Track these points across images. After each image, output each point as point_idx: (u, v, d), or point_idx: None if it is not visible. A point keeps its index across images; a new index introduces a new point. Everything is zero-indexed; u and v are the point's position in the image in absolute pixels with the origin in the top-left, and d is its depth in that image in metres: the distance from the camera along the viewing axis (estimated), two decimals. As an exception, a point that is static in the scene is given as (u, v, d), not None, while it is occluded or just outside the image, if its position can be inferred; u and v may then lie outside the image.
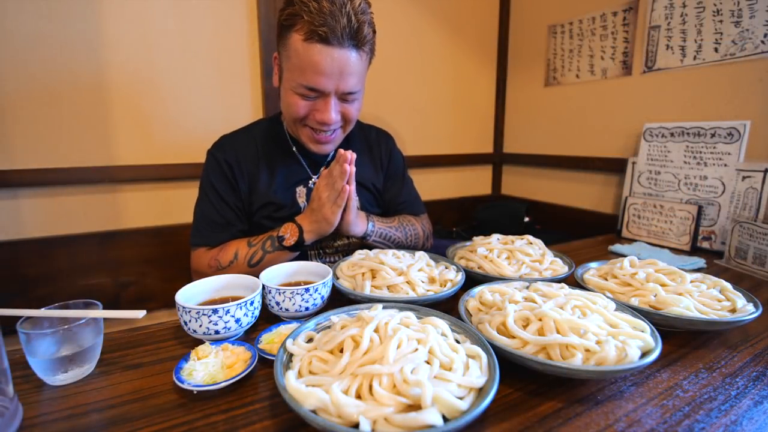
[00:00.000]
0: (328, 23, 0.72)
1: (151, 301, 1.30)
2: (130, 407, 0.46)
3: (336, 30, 0.73)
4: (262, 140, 0.95)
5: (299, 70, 0.77)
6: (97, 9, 1.13)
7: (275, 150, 0.95)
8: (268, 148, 0.95)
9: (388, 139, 1.11)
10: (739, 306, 0.63)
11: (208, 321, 0.55)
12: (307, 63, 0.76)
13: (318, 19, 0.72)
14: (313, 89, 0.79)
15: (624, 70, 1.39)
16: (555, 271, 0.80)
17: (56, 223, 1.17)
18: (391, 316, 0.49)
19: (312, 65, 0.76)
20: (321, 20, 0.72)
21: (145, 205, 1.28)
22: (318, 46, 0.74)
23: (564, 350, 0.48)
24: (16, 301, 1.12)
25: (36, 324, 0.51)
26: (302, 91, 0.80)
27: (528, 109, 1.83)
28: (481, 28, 1.85)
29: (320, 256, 0.96)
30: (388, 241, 0.96)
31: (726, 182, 1.09)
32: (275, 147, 0.95)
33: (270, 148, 0.95)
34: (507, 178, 2.01)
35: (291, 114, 0.85)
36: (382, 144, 1.08)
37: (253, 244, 0.85)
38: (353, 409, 0.37)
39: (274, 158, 0.94)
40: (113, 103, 1.19)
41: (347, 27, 0.74)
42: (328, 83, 0.78)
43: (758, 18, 1.06)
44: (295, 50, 0.76)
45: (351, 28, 0.74)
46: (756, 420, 0.44)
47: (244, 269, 0.83)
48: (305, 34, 0.74)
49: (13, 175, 1.09)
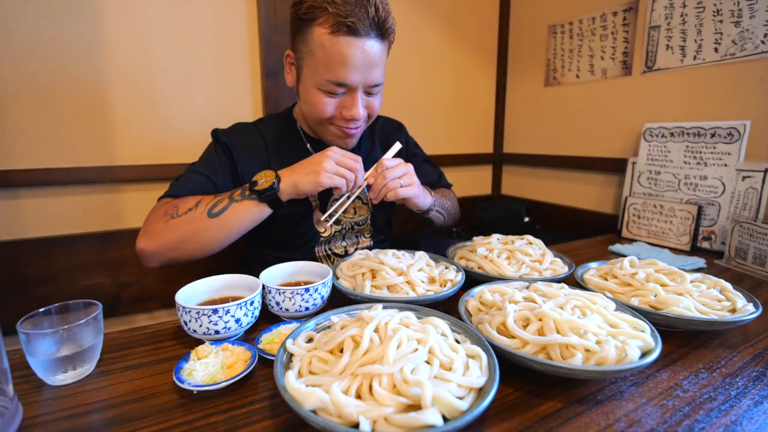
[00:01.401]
0: (355, 13, 0.69)
1: (151, 301, 1.30)
2: (130, 407, 0.46)
3: (364, 20, 0.70)
4: (272, 137, 0.92)
5: (326, 65, 0.74)
6: (97, 9, 1.13)
7: (287, 147, 0.92)
8: (278, 145, 0.92)
9: (400, 127, 1.12)
10: (739, 306, 0.63)
11: (208, 321, 0.55)
12: (336, 57, 0.72)
13: (344, 10, 0.69)
14: (340, 84, 0.76)
15: (624, 70, 1.39)
16: (555, 271, 0.80)
17: (56, 223, 1.17)
18: (391, 316, 0.49)
19: (341, 59, 0.72)
20: (347, 10, 0.69)
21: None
22: (346, 38, 0.71)
23: (564, 350, 0.48)
24: (16, 301, 1.12)
25: (36, 324, 0.51)
26: (329, 87, 0.77)
27: (528, 109, 1.83)
28: (481, 28, 1.85)
29: (329, 258, 0.96)
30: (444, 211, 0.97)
31: (726, 182, 1.09)
32: (287, 144, 0.93)
33: (281, 145, 0.92)
34: (507, 178, 2.01)
35: (316, 114, 0.81)
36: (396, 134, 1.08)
37: (221, 194, 0.76)
38: (353, 409, 0.37)
39: (286, 155, 0.90)
40: (113, 103, 1.19)
41: (375, 16, 0.71)
42: (357, 77, 0.75)
43: (758, 18, 1.06)
44: (320, 45, 0.73)
45: (378, 18, 0.72)
46: (756, 420, 0.44)
47: (202, 221, 0.72)
48: (331, 27, 0.71)
49: (13, 175, 1.09)
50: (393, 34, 0.78)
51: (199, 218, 0.73)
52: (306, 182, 0.73)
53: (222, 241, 0.75)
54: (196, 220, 0.73)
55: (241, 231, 0.76)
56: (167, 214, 0.75)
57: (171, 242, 0.73)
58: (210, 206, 0.73)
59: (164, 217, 0.74)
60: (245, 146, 0.88)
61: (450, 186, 1.20)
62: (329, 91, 0.78)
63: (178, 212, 0.74)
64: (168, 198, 0.80)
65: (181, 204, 0.75)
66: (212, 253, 0.78)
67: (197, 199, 0.76)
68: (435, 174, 1.15)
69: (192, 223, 0.73)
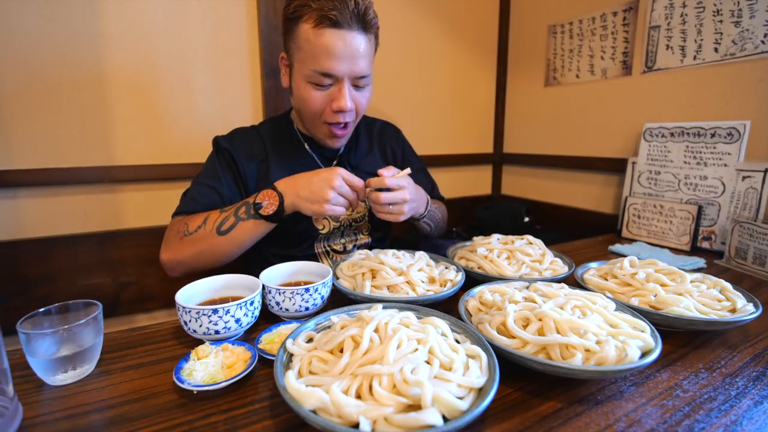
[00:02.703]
0: (336, 7, 0.75)
1: (151, 301, 1.30)
2: (130, 407, 0.46)
3: (345, 13, 0.76)
4: (270, 139, 0.96)
5: (311, 57, 0.78)
6: (97, 8, 1.13)
7: (285, 148, 0.95)
8: (277, 147, 0.95)
9: (397, 133, 1.13)
10: (739, 306, 0.63)
11: (208, 321, 0.55)
12: (320, 48, 0.77)
13: (326, 5, 0.75)
14: (327, 74, 0.79)
15: (624, 70, 1.39)
16: (555, 271, 0.80)
17: (56, 223, 1.17)
18: (391, 316, 0.49)
19: (325, 49, 0.77)
20: (329, 5, 0.75)
21: (145, 205, 1.28)
22: (329, 30, 0.76)
23: (564, 350, 0.48)
24: (16, 301, 1.12)
25: (36, 324, 0.51)
26: (316, 79, 0.80)
27: (528, 109, 1.83)
28: (481, 28, 1.85)
29: (329, 255, 0.97)
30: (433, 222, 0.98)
31: (726, 182, 1.09)
32: (285, 145, 0.96)
33: (279, 147, 0.95)
34: (507, 178, 2.01)
35: (307, 109, 0.85)
36: (393, 140, 1.09)
37: (226, 210, 0.79)
38: (353, 409, 0.37)
39: (284, 156, 0.94)
40: (113, 103, 1.19)
41: (355, 9, 0.76)
42: (342, 66, 0.79)
43: (758, 18, 1.06)
44: (306, 39, 0.78)
45: (359, 11, 0.77)
46: (756, 420, 0.44)
47: (213, 238, 0.76)
48: (315, 21, 0.76)
49: (13, 175, 1.09)
50: (376, 28, 0.84)
51: (209, 235, 0.77)
52: (308, 210, 0.75)
53: (235, 253, 0.81)
54: (207, 237, 0.77)
55: (252, 243, 0.81)
56: (180, 231, 0.80)
57: (188, 257, 0.79)
58: (218, 224, 0.77)
59: (178, 234, 0.80)
60: (245, 148, 0.92)
61: (443, 199, 1.20)
62: (317, 83, 0.81)
63: (189, 230, 0.79)
64: (180, 216, 0.85)
65: (190, 222, 0.80)
66: (230, 261, 0.82)
67: (204, 216, 0.80)
68: (428, 186, 1.14)
69: (204, 240, 0.77)
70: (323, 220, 0.93)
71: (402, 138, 1.13)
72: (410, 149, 1.14)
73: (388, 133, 1.10)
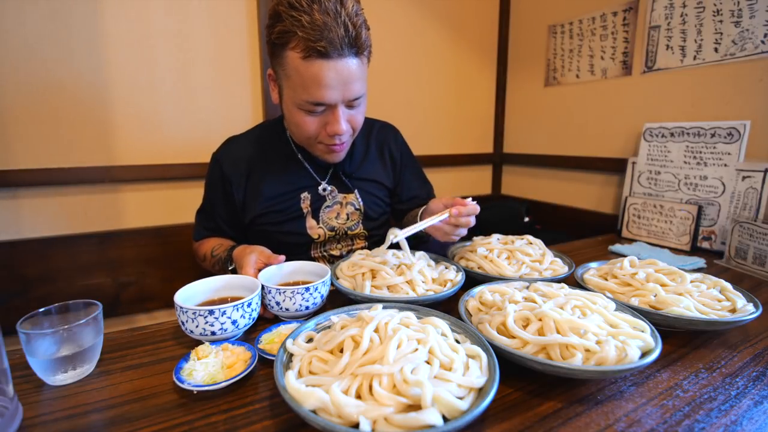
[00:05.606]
0: (325, 36, 0.68)
1: (151, 301, 1.30)
2: (130, 407, 0.46)
3: (335, 42, 0.69)
4: (265, 147, 0.94)
5: (302, 87, 0.74)
6: (97, 9, 1.13)
7: (278, 157, 0.94)
8: (270, 156, 0.94)
9: (396, 134, 1.10)
10: (739, 306, 0.63)
11: (204, 322, 0.55)
12: (311, 80, 0.72)
13: (314, 34, 0.68)
14: (319, 104, 0.76)
15: (624, 70, 1.39)
16: (555, 271, 0.80)
17: (56, 223, 1.17)
18: (391, 316, 0.49)
19: (315, 81, 0.72)
20: (317, 35, 0.68)
21: (145, 205, 1.28)
22: (319, 62, 0.70)
23: (564, 350, 0.48)
24: (16, 301, 1.12)
25: (36, 324, 0.51)
26: (308, 107, 0.77)
27: (528, 110, 1.83)
28: (481, 28, 1.85)
29: (327, 260, 0.97)
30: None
31: (726, 182, 1.09)
32: (278, 154, 0.94)
33: (272, 155, 0.94)
34: (507, 178, 2.01)
35: (302, 134, 0.82)
36: (391, 141, 1.07)
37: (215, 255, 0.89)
38: (353, 409, 0.37)
39: (276, 165, 0.93)
40: (113, 103, 1.19)
41: (345, 37, 0.70)
42: (334, 95, 0.75)
43: (758, 18, 1.06)
44: (295, 69, 0.73)
45: (350, 37, 0.70)
46: (756, 420, 0.44)
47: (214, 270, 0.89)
48: (303, 52, 0.70)
49: (13, 175, 1.09)
50: (369, 44, 0.77)
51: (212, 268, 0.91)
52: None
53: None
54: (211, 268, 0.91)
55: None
56: (198, 257, 0.99)
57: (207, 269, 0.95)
58: (213, 264, 0.90)
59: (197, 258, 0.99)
60: (232, 163, 0.93)
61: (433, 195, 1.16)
62: (309, 111, 0.78)
63: (200, 258, 0.97)
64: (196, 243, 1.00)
65: (197, 252, 0.98)
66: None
67: (203, 252, 0.94)
68: (425, 190, 1.11)
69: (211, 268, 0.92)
70: (318, 229, 0.94)
71: (401, 139, 1.12)
72: (408, 151, 1.12)
73: (387, 134, 1.08)
